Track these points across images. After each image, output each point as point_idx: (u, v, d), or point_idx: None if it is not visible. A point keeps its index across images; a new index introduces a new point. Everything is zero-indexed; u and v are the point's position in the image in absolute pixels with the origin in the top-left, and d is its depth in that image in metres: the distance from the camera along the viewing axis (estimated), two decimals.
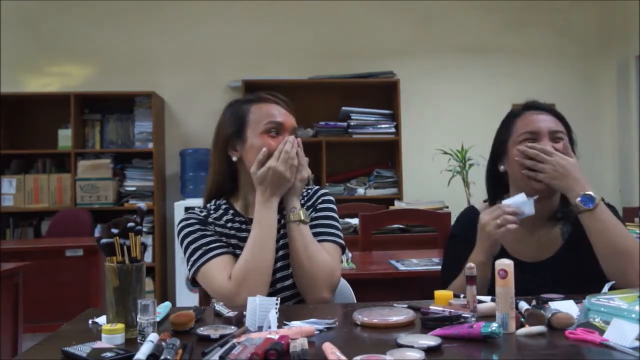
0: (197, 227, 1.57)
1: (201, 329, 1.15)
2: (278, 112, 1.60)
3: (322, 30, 5.18)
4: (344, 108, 4.89)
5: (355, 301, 1.72)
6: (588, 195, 1.45)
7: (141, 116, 4.85)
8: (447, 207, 3.95)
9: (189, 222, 1.59)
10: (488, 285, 1.44)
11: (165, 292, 4.88)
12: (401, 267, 2.29)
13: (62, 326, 1.28)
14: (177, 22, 5.08)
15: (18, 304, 3.02)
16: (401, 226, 3.40)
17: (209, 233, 1.57)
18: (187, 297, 4.38)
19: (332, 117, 4.96)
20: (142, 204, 1.31)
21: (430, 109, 5.21)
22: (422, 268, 2.28)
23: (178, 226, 1.61)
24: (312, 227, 1.58)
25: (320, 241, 1.56)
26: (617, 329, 1.03)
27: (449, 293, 1.28)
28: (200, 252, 1.53)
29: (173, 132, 5.12)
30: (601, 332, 1.06)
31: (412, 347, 1.00)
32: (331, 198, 1.68)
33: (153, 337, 1.06)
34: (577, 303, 1.21)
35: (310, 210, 1.63)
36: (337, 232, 1.62)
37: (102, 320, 1.25)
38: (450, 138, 4.54)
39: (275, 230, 1.52)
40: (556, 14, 5.32)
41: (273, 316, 1.14)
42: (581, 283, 1.43)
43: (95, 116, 4.90)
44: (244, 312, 1.18)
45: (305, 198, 1.66)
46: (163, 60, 5.08)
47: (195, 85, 5.08)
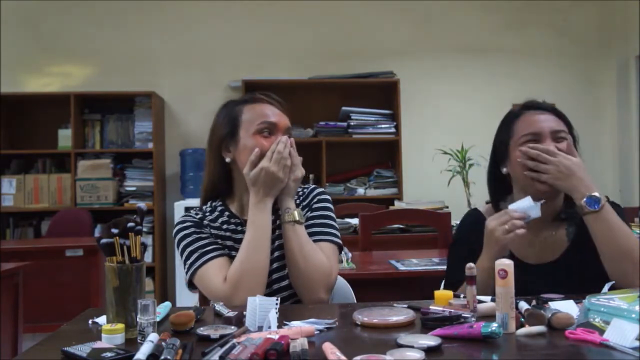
0: (192, 230, 1.57)
1: (201, 329, 1.15)
2: (271, 112, 1.58)
3: (322, 30, 5.18)
4: (344, 108, 4.89)
5: (355, 301, 1.71)
6: (593, 197, 1.42)
7: (141, 116, 4.85)
8: (447, 207, 3.94)
9: (184, 225, 1.58)
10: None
11: (165, 292, 4.89)
12: (401, 267, 2.29)
13: (62, 326, 1.28)
14: (177, 22, 5.08)
15: (18, 304, 3.02)
16: (401, 226, 3.40)
17: (204, 236, 1.56)
18: (187, 297, 4.38)
19: (332, 117, 4.96)
20: (142, 204, 1.31)
21: (430, 109, 5.21)
22: (422, 268, 2.28)
23: (174, 229, 1.61)
24: (308, 226, 1.57)
25: (316, 241, 1.55)
26: (617, 329, 1.03)
27: (449, 293, 1.27)
28: (196, 255, 1.52)
29: (173, 132, 5.12)
30: (601, 332, 1.06)
31: (412, 347, 1.00)
32: (327, 197, 1.66)
33: (153, 337, 1.06)
34: (577, 303, 1.21)
35: (306, 209, 1.62)
36: (334, 231, 1.60)
37: (102, 320, 1.25)
38: (450, 138, 4.54)
39: (269, 231, 1.51)
40: (556, 14, 5.32)
41: (273, 316, 1.14)
42: (587, 284, 1.40)
43: (95, 116, 4.90)
44: (244, 312, 1.18)
45: (300, 197, 1.65)
46: (163, 60, 5.08)
47: (195, 85, 5.08)
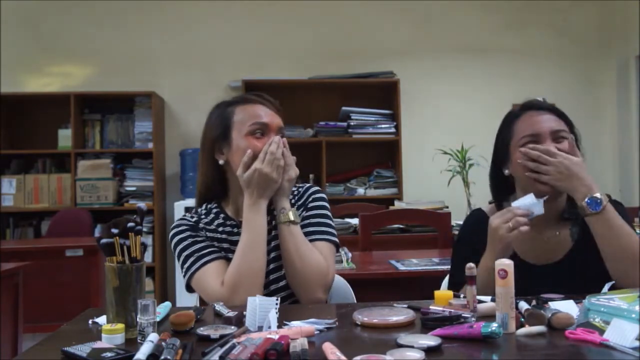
0: (188, 233, 1.56)
1: (201, 329, 1.15)
2: (263, 113, 1.57)
3: (322, 30, 5.18)
4: (344, 108, 4.89)
5: (355, 301, 1.71)
6: (594, 198, 1.41)
7: (141, 116, 4.85)
8: (447, 207, 3.94)
9: (180, 228, 1.58)
10: None
11: (165, 292, 4.88)
12: (401, 267, 2.29)
13: (62, 326, 1.28)
14: (177, 22, 5.08)
15: (18, 304, 3.02)
16: (401, 226, 3.39)
17: (200, 239, 1.56)
18: (187, 297, 4.34)
19: (332, 117, 4.96)
20: (142, 204, 1.31)
21: (430, 109, 5.21)
22: (422, 268, 2.28)
23: (170, 233, 1.60)
24: (304, 226, 1.56)
25: (312, 240, 1.54)
26: (617, 329, 1.02)
27: (449, 293, 1.27)
28: (192, 259, 1.52)
29: (173, 132, 5.11)
30: (601, 332, 1.06)
31: (412, 347, 1.00)
32: (322, 195, 1.65)
33: (153, 337, 1.06)
34: (577, 303, 1.21)
35: (301, 209, 1.61)
36: (330, 230, 1.59)
37: (102, 320, 1.25)
38: (450, 138, 4.53)
39: (265, 233, 1.51)
40: (556, 14, 5.32)
41: (273, 316, 1.14)
42: (591, 284, 1.40)
43: (95, 116, 4.90)
44: (244, 312, 1.18)
45: (295, 197, 1.64)
46: (163, 60, 5.08)
47: (195, 85, 5.08)
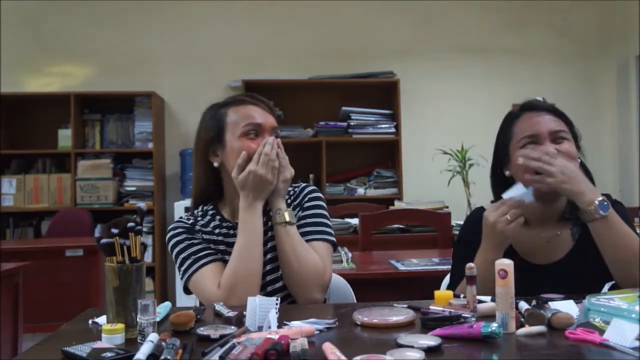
0: (184, 236, 1.56)
1: (201, 329, 1.15)
2: (256, 113, 1.56)
3: (322, 30, 5.18)
4: (344, 108, 4.89)
5: (355, 301, 1.71)
6: (602, 201, 1.38)
7: (141, 116, 4.85)
8: (447, 207, 3.94)
9: (176, 231, 1.57)
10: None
11: (165, 292, 4.89)
12: (401, 267, 2.29)
13: (62, 326, 1.27)
14: (177, 22, 5.08)
15: (18, 304, 3.03)
16: (401, 226, 3.39)
17: (196, 241, 1.55)
18: (187, 297, 4.35)
19: (332, 117, 4.96)
20: (142, 204, 1.31)
21: (430, 109, 5.21)
22: (422, 268, 2.28)
23: (167, 236, 1.60)
24: (300, 226, 1.55)
25: (309, 240, 1.54)
26: (617, 329, 1.02)
27: (449, 293, 1.27)
28: (189, 261, 1.52)
29: (173, 132, 5.12)
30: (601, 332, 1.06)
31: (412, 347, 1.00)
32: (318, 195, 1.64)
33: (153, 337, 1.06)
34: (577, 303, 1.21)
35: (297, 209, 1.60)
36: (327, 230, 1.58)
37: (102, 320, 1.25)
38: (450, 138, 4.53)
39: (261, 235, 1.50)
40: (556, 14, 5.32)
41: (273, 316, 1.14)
42: (591, 284, 1.40)
43: (95, 116, 4.90)
44: (244, 312, 1.18)
45: (291, 197, 1.63)
46: (163, 60, 5.08)
47: (195, 85, 5.08)
